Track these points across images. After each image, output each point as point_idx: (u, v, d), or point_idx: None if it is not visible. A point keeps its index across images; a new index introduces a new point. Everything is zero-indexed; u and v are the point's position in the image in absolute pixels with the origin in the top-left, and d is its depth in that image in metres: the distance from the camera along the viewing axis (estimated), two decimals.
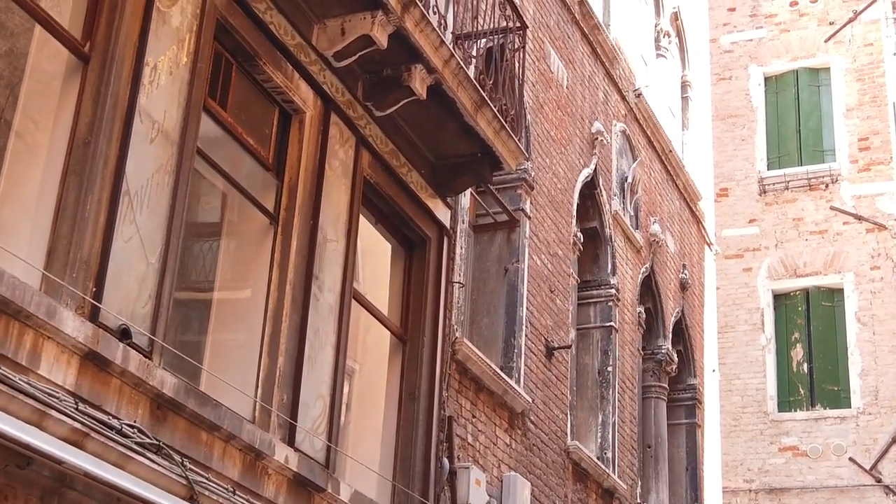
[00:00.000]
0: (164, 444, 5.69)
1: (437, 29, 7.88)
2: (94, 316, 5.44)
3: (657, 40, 16.01)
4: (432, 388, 8.68)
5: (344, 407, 7.92)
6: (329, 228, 7.58)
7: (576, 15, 12.91)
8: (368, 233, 8.73)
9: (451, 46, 8.09)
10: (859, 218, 20.57)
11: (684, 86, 17.10)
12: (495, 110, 8.66)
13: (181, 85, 6.23)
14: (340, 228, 7.72)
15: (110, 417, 5.43)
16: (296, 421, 6.96)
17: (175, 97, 6.18)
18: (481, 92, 8.46)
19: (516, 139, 8.98)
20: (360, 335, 8.48)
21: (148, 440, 5.59)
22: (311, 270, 7.30)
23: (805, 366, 20.40)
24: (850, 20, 21.77)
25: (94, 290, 5.48)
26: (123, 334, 5.59)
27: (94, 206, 5.56)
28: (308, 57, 7.45)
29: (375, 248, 8.93)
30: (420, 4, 7.61)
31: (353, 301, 7.93)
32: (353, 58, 7.65)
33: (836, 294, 20.51)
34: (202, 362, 6.78)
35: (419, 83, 7.93)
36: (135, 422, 5.59)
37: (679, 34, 16.88)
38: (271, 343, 6.98)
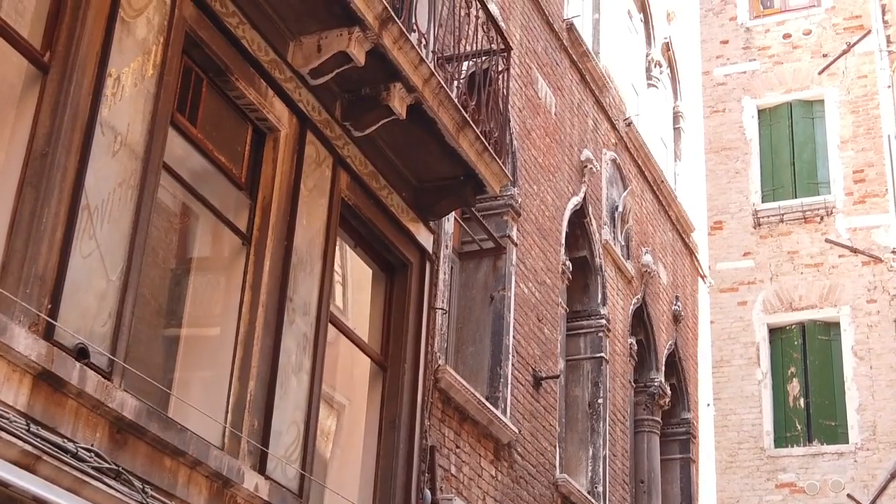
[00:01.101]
0: (123, 469, 5.45)
1: (417, 47, 7.69)
2: (48, 334, 5.20)
3: (648, 70, 15.86)
4: (413, 416, 8.43)
5: (320, 434, 7.67)
6: (304, 250, 7.35)
7: (564, 41, 12.75)
8: (348, 256, 8.51)
9: (431, 65, 7.90)
10: (855, 251, 20.36)
11: (676, 117, 16.93)
12: (478, 131, 8.45)
13: (147, 98, 6.03)
14: (316, 250, 7.49)
15: (65, 440, 5.18)
16: (267, 448, 6.70)
17: (140, 110, 5.97)
18: (463, 112, 8.25)
19: (500, 161, 8.77)
20: (337, 361, 8.22)
21: (106, 465, 5.34)
22: (284, 293, 7.07)
23: (802, 401, 20.13)
24: (844, 52, 21.68)
25: (49, 306, 5.25)
26: (80, 354, 5.35)
27: (51, 219, 5.34)
28: (283, 74, 7.25)
29: (355, 273, 8.70)
30: (399, 21, 7.43)
31: (330, 326, 7.70)
32: (330, 75, 7.45)
33: (832, 328, 20.28)
34: (169, 386, 6.53)
35: (398, 102, 7.74)
36: (92, 445, 5.34)
37: (671, 65, 16.73)
38: (242, 367, 6.73)
